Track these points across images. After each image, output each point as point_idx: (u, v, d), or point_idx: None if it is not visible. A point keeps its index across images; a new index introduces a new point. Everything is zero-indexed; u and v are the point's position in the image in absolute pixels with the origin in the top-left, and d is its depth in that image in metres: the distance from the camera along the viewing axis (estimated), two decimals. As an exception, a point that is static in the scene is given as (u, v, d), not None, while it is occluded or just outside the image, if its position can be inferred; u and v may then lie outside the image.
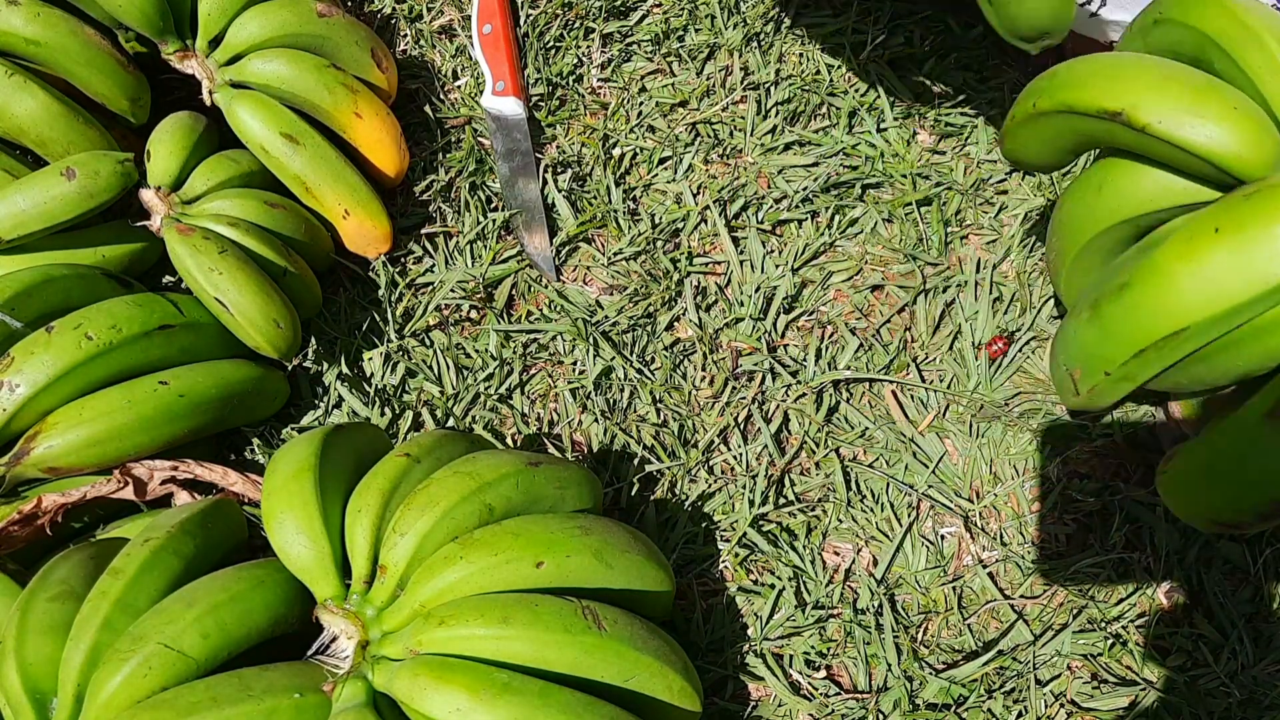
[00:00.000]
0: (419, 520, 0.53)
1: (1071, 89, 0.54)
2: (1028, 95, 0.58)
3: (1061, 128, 0.57)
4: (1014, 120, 0.60)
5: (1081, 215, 0.59)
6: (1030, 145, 0.60)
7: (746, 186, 0.83)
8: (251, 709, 0.47)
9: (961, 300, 0.78)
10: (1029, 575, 0.71)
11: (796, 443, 0.75)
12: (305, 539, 0.53)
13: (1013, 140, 0.61)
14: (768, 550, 0.72)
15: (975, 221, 0.80)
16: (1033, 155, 0.62)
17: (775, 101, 0.85)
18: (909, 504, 0.73)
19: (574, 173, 0.84)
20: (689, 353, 0.78)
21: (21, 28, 0.70)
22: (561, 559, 0.53)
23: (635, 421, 0.76)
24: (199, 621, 0.49)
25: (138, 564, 0.52)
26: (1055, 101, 0.55)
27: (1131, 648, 0.68)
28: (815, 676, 0.69)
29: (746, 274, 0.80)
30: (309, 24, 0.76)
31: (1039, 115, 0.57)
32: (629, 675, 0.52)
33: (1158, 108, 0.50)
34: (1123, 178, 0.56)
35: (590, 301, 0.80)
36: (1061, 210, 0.61)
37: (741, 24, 0.87)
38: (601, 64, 0.88)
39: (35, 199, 0.68)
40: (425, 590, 0.51)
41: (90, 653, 0.49)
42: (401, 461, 0.57)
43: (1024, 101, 0.59)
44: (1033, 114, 0.57)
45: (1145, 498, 0.71)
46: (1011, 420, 0.74)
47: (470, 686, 0.47)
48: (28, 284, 0.67)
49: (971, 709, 0.67)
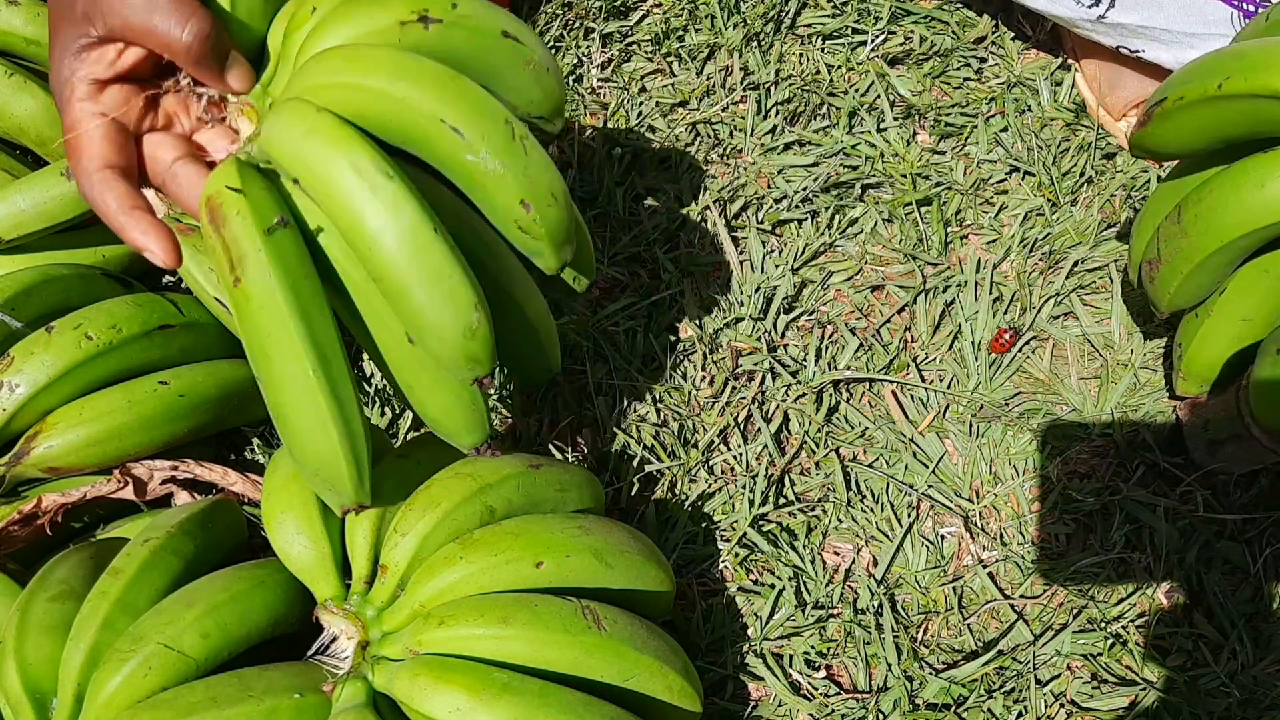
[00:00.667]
0: (419, 521, 0.53)
1: (1274, 71, 0.50)
2: (1207, 75, 0.54)
3: (1240, 112, 0.53)
4: (1181, 102, 0.55)
5: (1231, 211, 0.55)
6: (1187, 131, 0.57)
7: (746, 186, 0.83)
8: (251, 709, 0.47)
9: (961, 300, 0.78)
10: (1029, 575, 0.71)
11: (796, 443, 0.75)
12: (305, 539, 0.53)
13: (1163, 123, 0.57)
14: (768, 550, 0.72)
15: (975, 221, 0.80)
16: (1178, 142, 0.58)
17: (775, 101, 0.85)
18: (909, 504, 0.73)
19: (574, 173, 0.84)
20: (689, 353, 0.78)
21: (21, 28, 0.70)
22: (561, 559, 0.53)
23: (635, 421, 0.76)
24: (199, 621, 0.49)
25: (138, 564, 0.52)
26: (1252, 84, 0.51)
27: (1131, 648, 0.68)
28: (815, 676, 0.69)
29: (746, 274, 0.80)
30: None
31: (1223, 98, 0.53)
32: (629, 675, 0.52)
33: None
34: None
35: (590, 301, 0.80)
36: (1199, 203, 0.57)
37: (741, 24, 0.87)
38: (601, 64, 0.88)
39: (35, 199, 0.68)
40: (425, 590, 0.51)
41: (90, 653, 0.49)
42: (402, 463, 0.57)
43: (1198, 83, 0.54)
44: (1215, 96, 0.53)
45: (1145, 498, 0.71)
46: (1011, 420, 0.74)
47: (470, 687, 0.47)
48: (28, 284, 0.67)
49: (971, 709, 0.67)
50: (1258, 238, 0.56)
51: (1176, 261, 0.59)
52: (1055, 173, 0.80)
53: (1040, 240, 0.78)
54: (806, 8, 0.88)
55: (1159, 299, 0.62)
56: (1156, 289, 0.62)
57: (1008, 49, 0.85)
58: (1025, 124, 0.82)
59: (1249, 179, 0.54)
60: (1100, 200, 0.79)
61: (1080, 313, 0.77)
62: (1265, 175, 0.54)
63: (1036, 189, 0.80)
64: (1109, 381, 0.74)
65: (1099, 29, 0.74)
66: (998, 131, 0.82)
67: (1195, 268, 0.58)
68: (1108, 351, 0.76)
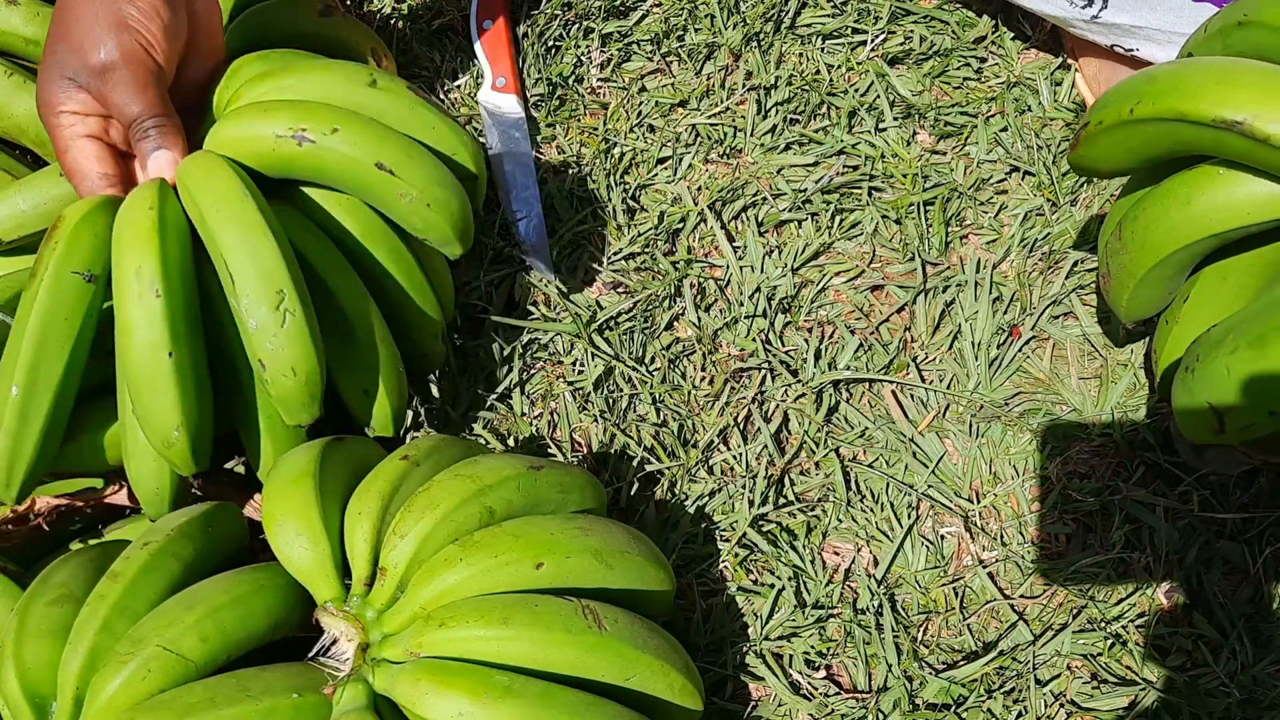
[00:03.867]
0: (419, 523, 0.53)
1: (1180, 96, 0.52)
2: (1119, 100, 0.55)
3: (1159, 135, 0.54)
4: (1100, 126, 0.57)
5: (1164, 228, 0.56)
6: (1113, 153, 0.58)
7: (746, 186, 0.83)
8: (249, 709, 0.47)
9: (961, 300, 0.77)
10: (1029, 575, 0.71)
11: (796, 443, 0.75)
12: (305, 541, 0.53)
13: (1092, 147, 0.58)
14: (768, 550, 0.72)
15: (975, 221, 0.80)
16: (1111, 163, 0.59)
17: (775, 101, 0.85)
18: (909, 504, 0.73)
19: (574, 173, 0.84)
20: (689, 353, 0.78)
21: (21, 27, 0.70)
22: (561, 560, 0.53)
23: (635, 421, 0.76)
24: (199, 624, 0.49)
25: (137, 567, 0.52)
26: (1161, 108, 0.53)
27: (1131, 648, 0.68)
28: (815, 676, 0.69)
29: (746, 274, 0.80)
30: (309, 24, 0.76)
31: (1136, 122, 0.54)
32: (630, 674, 0.52)
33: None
34: (1216, 189, 0.54)
35: (590, 301, 0.80)
36: (1136, 221, 0.58)
37: (741, 24, 0.87)
38: (601, 64, 0.88)
39: (35, 200, 0.67)
40: (425, 592, 0.51)
41: (89, 656, 0.49)
42: (401, 465, 0.56)
43: (1115, 106, 0.55)
44: (1128, 120, 0.55)
45: (1145, 498, 0.71)
46: (1011, 420, 0.74)
47: (472, 690, 0.47)
48: (27, 284, 0.67)
49: (971, 709, 0.67)
50: (1192, 252, 0.56)
51: (1122, 277, 0.60)
52: (1055, 173, 0.80)
53: (1040, 240, 0.78)
54: (806, 7, 0.88)
55: (1116, 311, 0.63)
56: (1111, 302, 0.63)
57: (1008, 49, 0.85)
58: (1025, 124, 0.82)
59: (1175, 197, 0.56)
60: (1100, 200, 0.79)
61: (1080, 313, 0.77)
62: (1191, 192, 0.55)
63: (1036, 189, 0.80)
64: (1109, 381, 0.74)
65: (1093, 29, 0.74)
66: (998, 131, 0.82)
67: (1139, 283, 0.59)
68: (1108, 351, 0.76)
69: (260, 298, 0.54)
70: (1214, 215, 0.54)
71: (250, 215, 0.54)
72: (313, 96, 0.59)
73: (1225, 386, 0.52)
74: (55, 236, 0.55)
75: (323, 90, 0.60)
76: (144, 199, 0.55)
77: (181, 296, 0.55)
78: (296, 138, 0.57)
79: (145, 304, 0.53)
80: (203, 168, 0.56)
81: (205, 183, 0.55)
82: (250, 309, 0.54)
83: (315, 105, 0.58)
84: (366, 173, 0.58)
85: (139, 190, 0.55)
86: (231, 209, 0.54)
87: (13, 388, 0.55)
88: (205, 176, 0.55)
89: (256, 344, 0.55)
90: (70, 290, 0.55)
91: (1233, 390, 0.52)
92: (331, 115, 0.58)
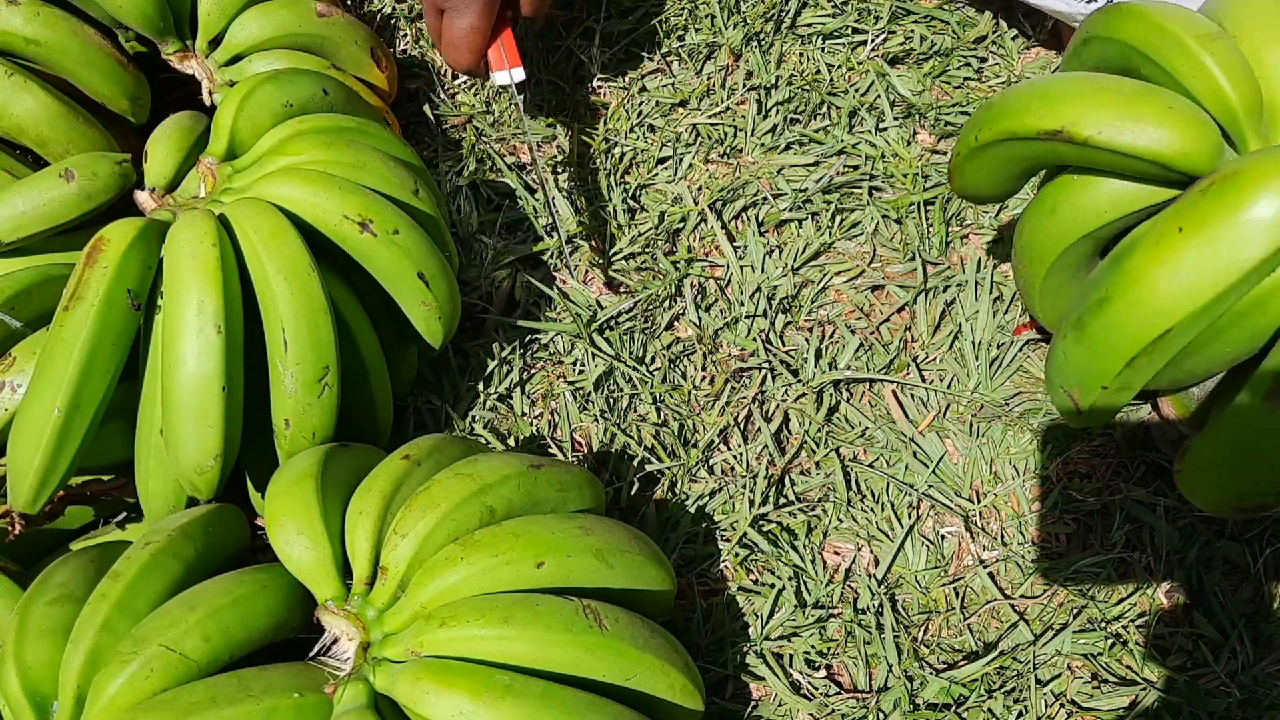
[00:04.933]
0: (419, 522, 0.53)
1: (1009, 116, 0.56)
2: (969, 129, 0.59)
3: (1006, 155, 0.58)
4: (959, 156, 0.61)
5: (1041, 239, 0.60)
6: (979, 178, 0.62)
7: (747, 186, 0.83)
8: (251, 708, 0.47)
9: (961, 300, 0.78)
10: (1029, 575, 0.71)
11: (796, 443, 0.75)
12: (306, 540, 0.53)
13: (961, 176, 0.62)
14: (768, 550, 0.72)
15: (975, 221, 0.80)
16: (984, 187, 0.63)
17: (775, 101, 0.85)
18: (909, 504, 0.73)
19: (574, 173, 0.84)
20: (689, 353, 0.78)
21: (21, 27, 0.70)
22: (562, 559, 0.53)
23: (635, 421, 0.76)
24: (201, 624, 0.49)
25: (138, 567, 0.52)
26: (996, 131, 0.57)
27: (1131, 647, 0.68)
28: (815, 676, 0.69)
29: (746, 274, 0.80)
30: (309, 24, 0.76)
31: (982, 147, 0.58)
32: (631, 674, 0.52)
33: (1095, 119, 0.51)
34: (1075, 194, 0.57)
35: (590, 301, 0.80)
36: (1021, 237, 0.62)
37: (741, 24, 0.87)
38: (602, 64, 0.88)
39: (34, 201, 0.67)
40: (426, 591, 0.51)
41: (90, 655, 0.49)
42: (402, 464, 0.57)
43: (966, 136, 0.60)
44: (976, 147, 0.59)
45: (1145, 498, 0.71)
46: (1011, 420, 0.74)
47: (473, 689, 0.47)
48: (28, 284, 0.67)
49: (971, 709, 0.67)
50: (1076, 253, 0.59)
51: (1027, 290, 0.63)
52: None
53: (1040, 240, 0.78)
54: (807, 7, 0.88)
55: (1038, 319, 0.65)
56: (1032, 313, 0.65)
57: (1008, 48, 0.85)
58: (1025, 123, 0.82)
59: (1043, 207, 0.59)
60: (1100, 200, 0.79)
61: (1080, 312, 0.77)
62: (1056, 201, 0.58)
63: (1036, 188, 0.80)
64: (1109, 381, 0.74)
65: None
66: (998, 131, 0.82)
67: (1040, 291, 0.62)
68: (1108, 351, 0.76)
69: (308, 370, 0.58)
70: (1079, 218, 0.57)
71: (315, 292, 0.58)
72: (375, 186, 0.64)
73: (1066, 371, 0.56)
74: (102, 259, 0.56)
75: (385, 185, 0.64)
76: (205, 233, 0.56)
77: (238, 335, 0.57)
78: (362, 225, 0.61)
79: (205, 339, 0.55)
80: (271, 227, 0.58)
81: (273, 246, 0.58)
82: (295, 375, 0.58)
83: (383, 202, 0.63)
84: (408, 276, 0.64)
85: (194, 222, 0.57)
86: (299, 282, 0.58)
87: (54, 409, 0.55)
88: (274, 240, 0.58)
89: (289, 407, 0.59)
90: (119, 316, 0.56)
91: (1072, 373, 0.55)
92: (395, 217, 0.62)
